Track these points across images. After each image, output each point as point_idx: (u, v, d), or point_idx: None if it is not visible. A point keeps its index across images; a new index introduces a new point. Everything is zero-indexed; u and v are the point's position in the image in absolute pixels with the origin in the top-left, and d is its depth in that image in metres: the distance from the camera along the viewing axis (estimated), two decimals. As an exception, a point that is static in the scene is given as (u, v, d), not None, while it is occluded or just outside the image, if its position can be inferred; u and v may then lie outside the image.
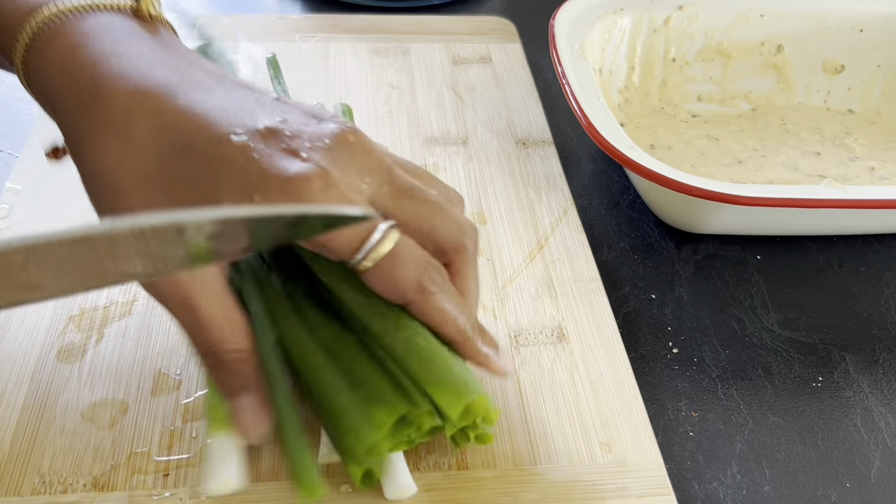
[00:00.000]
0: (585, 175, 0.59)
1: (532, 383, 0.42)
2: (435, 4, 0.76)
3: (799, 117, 0.65)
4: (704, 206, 0.49)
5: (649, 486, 0.38)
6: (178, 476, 0.37)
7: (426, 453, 0.39)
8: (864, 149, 0.61)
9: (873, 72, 0.65)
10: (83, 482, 0.37)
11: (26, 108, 0.61)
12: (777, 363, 0.47)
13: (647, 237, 0.54)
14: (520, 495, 0.37)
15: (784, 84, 0.66)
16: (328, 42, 0.67)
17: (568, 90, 0.52)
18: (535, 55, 0.68)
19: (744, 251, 0.54)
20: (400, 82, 0.64)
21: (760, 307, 0.50)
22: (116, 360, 0.42)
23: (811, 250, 0.54)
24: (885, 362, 0.47)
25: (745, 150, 0.60)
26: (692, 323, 0.49)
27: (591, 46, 0.59)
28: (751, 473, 0.41)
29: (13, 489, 0.36)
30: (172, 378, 0.41)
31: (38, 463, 0.37)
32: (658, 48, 0.64)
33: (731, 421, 0.43)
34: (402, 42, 0.68)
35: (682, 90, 0.65)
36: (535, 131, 0.60)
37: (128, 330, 0.44)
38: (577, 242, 0.50)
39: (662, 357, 0.46)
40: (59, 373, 0.41)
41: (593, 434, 0.40)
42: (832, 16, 0.64)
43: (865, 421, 0.44)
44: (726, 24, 0.64)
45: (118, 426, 0.39)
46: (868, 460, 0.42)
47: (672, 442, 0.42)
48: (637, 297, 0.50)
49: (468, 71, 0.65)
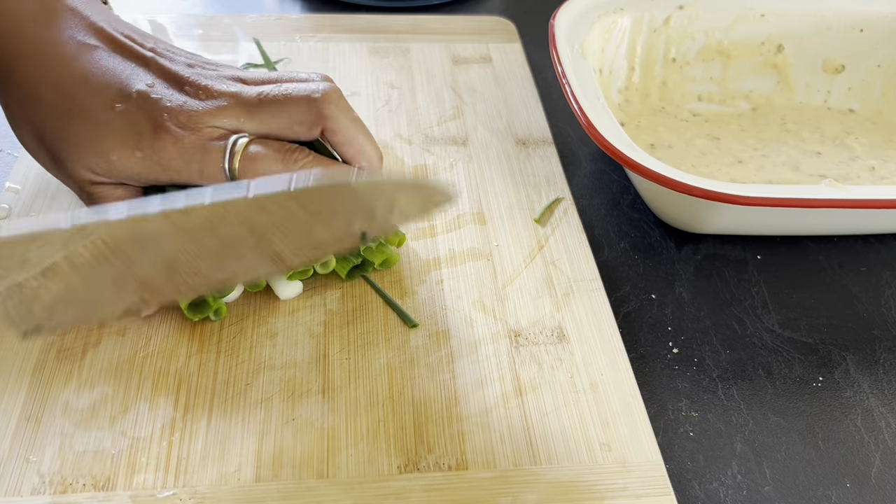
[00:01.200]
0: (585, 175, 0.59)
1: (532, 383, 0.42)
2: (435, 4, 0.76)
3: (799, 117, 0.65)
4: (704, 206, 0.49)
5: (649, 487, 0.38)
6: (179, 475, 0.37)
7: (426, 453, 0.39)
8: (865, 148, 0.61)
9: (874, 72, 0.65)
10: (83, 482, 0.37)
11: (26, 108, 0.61)
12: (777, 363, 0.47)
13: (647, 237, 0.54)
14: (520, 496, 0.37)
15: (784, 84, 0.66)
16: (328, 42, 0.67)
17: (568, 90, 0.52)
18: (535, 55, 0.68)
19: (744, 251, 0.54)
20: (400, 82, 0.63)
21: (761, 307, 0.50)
22: (116, 359, 0.42)
23: (811, 250, 0.54)
24: (885, 362, 0.47)
25: (746, 150, 0.60)
26: (692, 323, 0.49)
27: (591, 46, 0.59)
28: (751, 473, 0.41)
29: (13, 489, 0.36)
30: (172, 377, 0.41)
31: (38, 463, 0.37)
32: (658, 48, 0.64)
33: (732, 421, 0.43)
34: (402, 42, 0.68)
35: (682, 90, 0.65)
36: (535, 131, 0.60)
37: (127, 330, 0.44)
38: (577, 242, 0.50)
39: (662, 357, 0.46)
40: (59, 373, 0.41)
41: (593, 434, 0.40)
42: (832, 15, 0.64)
43: (866, 421, 0.44)
44: (726, 23, 0.64)
45: (118, 425, 0.39)
46: (868, 460, 0.42)
47: (672, 442, 0.42)
48: (637, 297, 0.50)
49: (468, 71, 0.65)
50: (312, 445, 0.39)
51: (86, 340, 0.43)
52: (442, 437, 0.39)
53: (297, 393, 0.41)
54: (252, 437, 0.39)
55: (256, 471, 0.38)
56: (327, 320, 0.45)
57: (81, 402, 0.40)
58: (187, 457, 0.38)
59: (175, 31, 0.67)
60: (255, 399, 0.41)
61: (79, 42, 0.42)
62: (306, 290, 0.46)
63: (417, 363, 0.43)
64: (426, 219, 0.51)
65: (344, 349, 0.43)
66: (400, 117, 0.60)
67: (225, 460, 0.38)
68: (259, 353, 0.43)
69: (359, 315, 0.45)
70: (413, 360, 0.43)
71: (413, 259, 0.49)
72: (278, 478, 0.37)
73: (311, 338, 0.44)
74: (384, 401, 0.41)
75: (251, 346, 0.43)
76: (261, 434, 0.39)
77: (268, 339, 0.44)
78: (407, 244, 0.50)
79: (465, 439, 0.39)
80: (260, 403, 0.40)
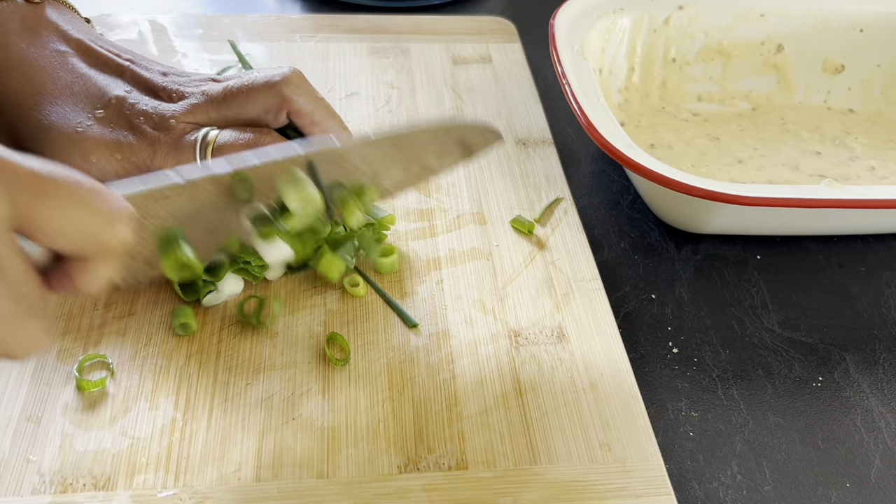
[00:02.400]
0: (585, 175, 0.59)
1: (532, 383, 0.42)
2: (435, 4, 0.76)
3: (799, 116, 0.65)
4: (704, 206, 0.49)
5: (649, 486, 0.38)
6: (179, 475, 0.37)
7: (426, 453, 0.39)
8: (865, 148, 0.61)
9: (873, 71, 0.65)
10: (83, 482, 0.37)
11: (26, 108, 0.61)
12: (777, 363, 0.47)
13: (647, 237, 0.54)
14: (520, 495, 0.37)
15: (784, 84, 0.66)
16: (328, 42, 0.67)
17: (568, 90, 0.52)
18: (535, 55, 0.68)
19: (744, 251, 0.54)
20: (400, 82, 0.64)
21: (760, 307, 0.50)
22: (116, 359, 0.42)
23: (811, 250, 0.54)
24: (885, 362, 0.47)
25: (746, 150, 0.60)
26: (692, 323, 0.49)
27: (591, 46, 0.59)
28: (751, 473, 0.41)
29: (13, 489, 0.36)
30: (172, 377, 0.41)
31: (39, 462, 0.37)
32: (658, 48, 0.64)
33: (732, 421, 0.43)
34: (401, 42, 0.68)
35: (682, 90, 0.65)
36: (535, 131, 0.60)
37: (128, 330, 0.44)
38: (577, 242, 0.50)
39: (662, 357, 0.46)
40: (58, 373, 0.41)
41: (593, 434, 0.40)
42: (832, 15, 0.64)
43: (865, 421, 0.44)
44: (726, 23, 0.64)
45: (118, 425, 0.39)
46: (868, 460, 0.42)
47: (672, 442, 0.42)
48: (637, 297, 0.50)
49: (468, 71, 0.65)
50: (312, 445, 0.39)
51: (86, 340, 0.43)
52: (442, 436, 0.39)
53: (297, 393, 0.41)
54: (252, 437, 0.39)
55: (256, 471, 0.38)
56: (327, 320, 0.45)
57: (81, 401, 0.40)
58: (187, 457, 0.38)
59: (175, 31, 0.67)
60: (255, 399, 0.41)
61: (60, 53, 0.45)
62: (306, 290, 0.46)
63: (417, 363, 0.43)
64: (472, 160, 0.52)
65: (344, 349, 0.43)
66: (400, 117, 0.60)
67: (225, 460, 0.38)
68: (259, 353, 0.43)
69: (359, 315, 0.45)
70: (413, 359, 0.43)
71: (413, 259, 0.49)
72: (278, 477, 0.37)
73: (311, 338, 0.44)
74: (384, 401, 0.41)
75: (251, 346, 0.43)
76: (261, 434, 0.39)
77: (268, 339, 0.44)
78: (407, 244, 0.50)
79: (465, 439, 0.39)
80: (260, 403, 0.40)
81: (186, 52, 0.65)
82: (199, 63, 0.64)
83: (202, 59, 0.65)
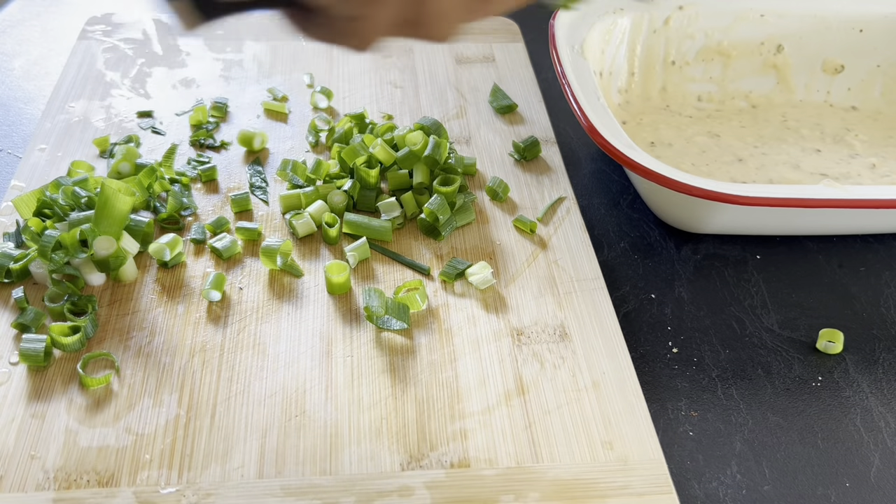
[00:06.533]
0: (585, 175, 0.59)
1: (534, 381, 0.42)
2: (436, 4, 0.76)
3: (800, 114, 0.65)
4: (704, 206, 0.49)
5: (651, 485, 0.38)
6: (182, 472, 0.37)
7: (428, 450, 0.39)
8: (865, 145, 0.62)
9: (873, 72, 0.65)
10: (87, 478, 0.37)
11: (26, 108, 0.62)
12: (777, 363, 0.47)
13: (647, 237, 0.54)
14: (522, 493, 0.37)
15: (784, 84, 0.66)
16: (330, 41, 0.67)
17: (568, 90, 0.53)
18: (538, 54, 0.69)
19: (744, 251, 0.54)
20: (403, 81, 0.64)
21: (760, 307, 0.50)
22: (120, 356, 0.42)
23: (811, 250, 0.54)
24: (884, 362, 0.47)
25: (746, 148, 0.61)
26: (692, 323, 0.49)
27: (591, 47, 0.60)
28: (751, 473, 0.41)
29: (18, 485, 0.36)
30: (176, 375, 0.42)
31: (43, 459, 0.38)
32: (658, 49, 0.64)
33: (731, 421, 0.44)
34: (405, 41, 0.68)
35: (682, 91, 0.65)
36: (538, 130, 0.60)
37: (131, 330, 0.44)
38: (579, 241, 0.51)
39: (662, 357, 0.47)
40: (63, 369, 0.41)
41: (595, 432, 0.40)
42: (832, 16, 0.64)
43: (865, 421, 0.44)
44: (726, 24, 0.64)
45: (122, 422, 0.39)
46: (868, 460, 0.42)
47: (672, 441, 0.42)
48: (637, 297, 0.50)
49: (471, 70, 0.65)
50: (315, 442, 0.39)
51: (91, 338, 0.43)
52: (444, 434, 0.40)
53: (301, 390, 0.41)
54: (255, 435, 0.39)
55: (259, 467, 0.38)
56: (330, 318, 0.45)
57: (85, 398, 0.40)
58: (191, 453, 0.38)
59: (179, 30, 0.67)
60: (258, 396, 0.41)
61: None
62: (310, 289, 0.46)
63: (420, 361, 0.43)
64: None
65: (347, 347, 0.44)
66: (404, 116, 0.60)
67: (228, 457, 0.38)
68: (262, 351, 0.43)
69: (362, 314, 0.45)
70: (416, 357, 0.43)
71: (414, 259, 0.49)
72: (281, 474, 0.38)
73: (315, 336, 0.44)
74: (387, 398, 0.41)
75: (254, 343, 0.43)
76: (264, 431, 0.39)
77: (271, 337, 0.44)
78: (409, 244, 0.50)
79: (467, 437, 0.40)
80: (263, 401, 0.41)
81: (191, 51, 0.66)
82: (203, 62, 0.64)
83: (207, 58, 0.65)
